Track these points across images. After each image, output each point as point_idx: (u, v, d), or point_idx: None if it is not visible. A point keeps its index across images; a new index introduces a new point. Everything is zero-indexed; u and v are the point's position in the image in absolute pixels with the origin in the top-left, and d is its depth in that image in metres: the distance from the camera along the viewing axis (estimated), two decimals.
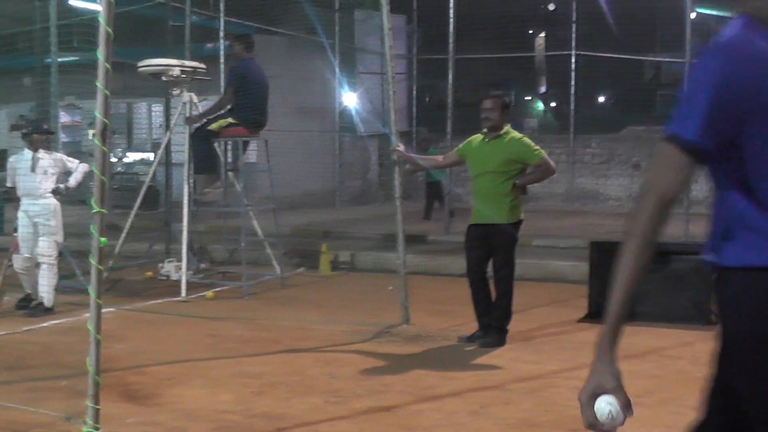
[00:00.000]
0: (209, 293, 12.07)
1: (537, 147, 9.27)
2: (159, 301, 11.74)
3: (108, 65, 5.41)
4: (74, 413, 6.34)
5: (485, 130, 9.27)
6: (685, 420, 6.72)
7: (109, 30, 5.38)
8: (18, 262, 10.79)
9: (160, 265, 13.19)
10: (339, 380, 7.76)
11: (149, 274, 13.40)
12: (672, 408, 7.01)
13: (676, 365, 8.43)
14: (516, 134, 9.28)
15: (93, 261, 5.44)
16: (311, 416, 6.71)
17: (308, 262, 14.88)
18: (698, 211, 15.76)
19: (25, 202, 10.85)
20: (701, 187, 25.76)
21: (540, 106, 46.45)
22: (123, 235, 12.92)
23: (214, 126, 12.46)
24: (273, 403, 7.06)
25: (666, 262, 10.79)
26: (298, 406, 6.96)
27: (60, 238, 10.99)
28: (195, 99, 12.74)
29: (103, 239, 5.42)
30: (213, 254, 14.40)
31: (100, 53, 5.38)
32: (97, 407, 5.53)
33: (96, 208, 5.40)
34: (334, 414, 6.78)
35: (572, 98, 28.45)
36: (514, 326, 9.42)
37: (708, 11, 29.12)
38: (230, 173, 13.38)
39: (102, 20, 5.37)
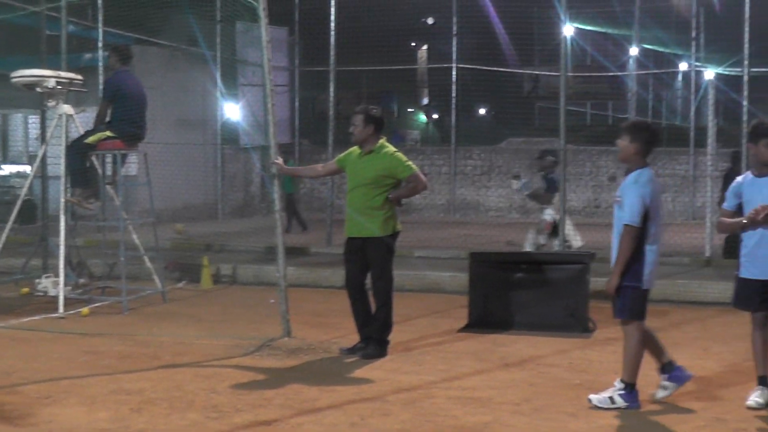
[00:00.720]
0: (84, 310, 11.84)
1: (408, 162, 9.36)
2: (35, 317, 11.46)
3: None
4: None
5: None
6: (562, 427, 6.89)
7: None
8: None
9: (37, 280, 12.91)
10: (219, 395, 7.71)
11: (25, 290, 13.08)
12: (548, 415, 7.15)
13: (552, 373, 8.59)
14: (390, 149, 9.36)
15: None
16: None
17: (189, 276, 14.74)
18: (574, 221, 16.12)
19: None
20: (579, 197, 26.36)
21: (422, 118, 46.91)
22: None
23: (91, 139, 12.24)
24: (152, 419, 6.98)
25: (542, 272, 11.00)
26: (177, 423, 6.89)
27: None
28: (71, 111, 12.51)
29: None
30: (92, 269, 14.15)
31: None
32: None
33: None
34: (214, 429, 6.74)
35: (453, 110, 28.81)
36: (394, 337, 9.49)
37: (582, 26, 29.84)
38: (109, 187, 13.17)
39: None
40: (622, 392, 7.30)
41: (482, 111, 42.12)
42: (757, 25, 15.99)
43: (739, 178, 7.58)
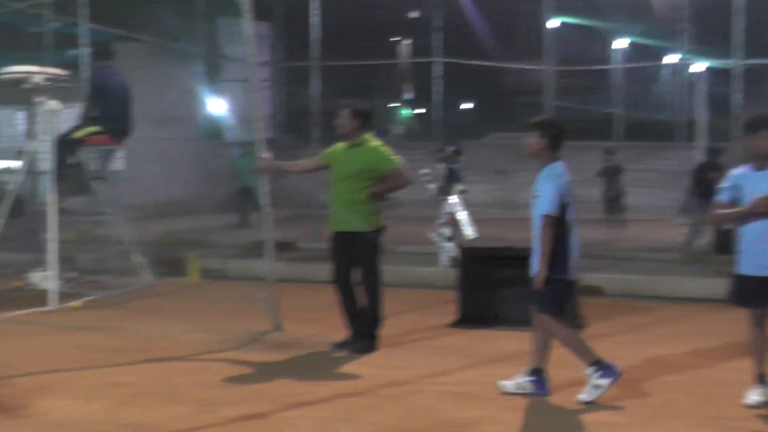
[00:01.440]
0: (76, 303, 11.86)
1: (393, 156, 9.36)
2: (26, 311, 11.42)
3: None
4: None
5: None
6: (553, 422, 6.93)
7: None
8: None
9: (28, 274, 12.90)
10: (209, 389, 7.75)
11: (17, 283, 13.09)
12: (540, 410, 7.21)
13: None
14: (375, 143, 9.37)
15: None
16: (181, 425, 6.71)
17: (177, 271, 14.74)
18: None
19: None
20: None
21: (405, 113, 46.89)
22: None
23: (78, 134, 12.26)
24: (142, 412, 7.02)
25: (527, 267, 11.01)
26: (167, 416, 6.94)
27: None
28: (58, 106, 12.49)
29: None
30: (81, 263, 14.14)
31: None
32: None
33: None
34: (204, 423, 6.78)
35: (434, 105, 28.81)
36: (384, 332, 9.52)
37: (566, 19, 29.87)
38: (97, 181, 13.16)
39: None
40: (600, 374, 7.31)
41: (465, 106, 42.12)
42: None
43: (736, 171, 7.35)
